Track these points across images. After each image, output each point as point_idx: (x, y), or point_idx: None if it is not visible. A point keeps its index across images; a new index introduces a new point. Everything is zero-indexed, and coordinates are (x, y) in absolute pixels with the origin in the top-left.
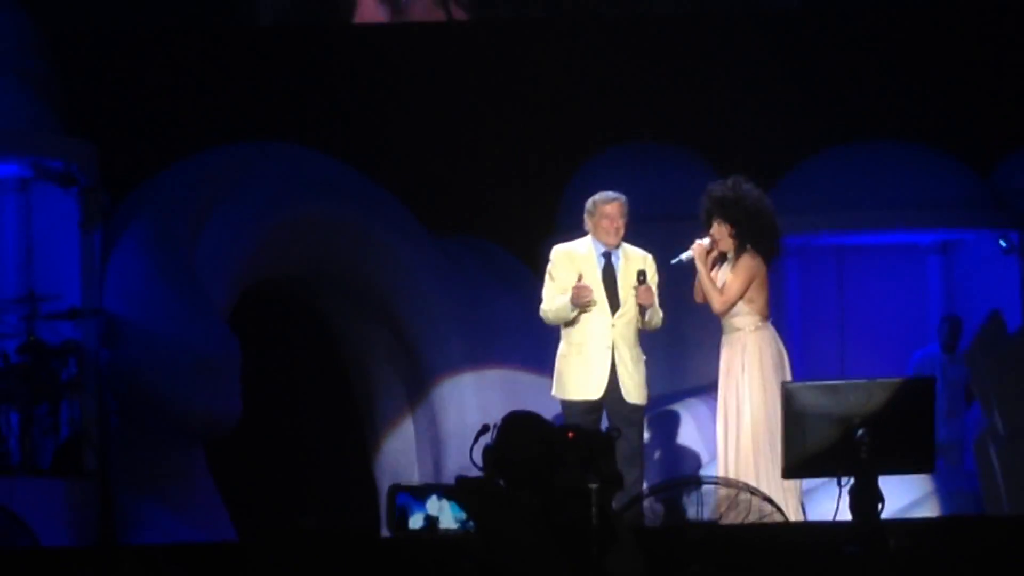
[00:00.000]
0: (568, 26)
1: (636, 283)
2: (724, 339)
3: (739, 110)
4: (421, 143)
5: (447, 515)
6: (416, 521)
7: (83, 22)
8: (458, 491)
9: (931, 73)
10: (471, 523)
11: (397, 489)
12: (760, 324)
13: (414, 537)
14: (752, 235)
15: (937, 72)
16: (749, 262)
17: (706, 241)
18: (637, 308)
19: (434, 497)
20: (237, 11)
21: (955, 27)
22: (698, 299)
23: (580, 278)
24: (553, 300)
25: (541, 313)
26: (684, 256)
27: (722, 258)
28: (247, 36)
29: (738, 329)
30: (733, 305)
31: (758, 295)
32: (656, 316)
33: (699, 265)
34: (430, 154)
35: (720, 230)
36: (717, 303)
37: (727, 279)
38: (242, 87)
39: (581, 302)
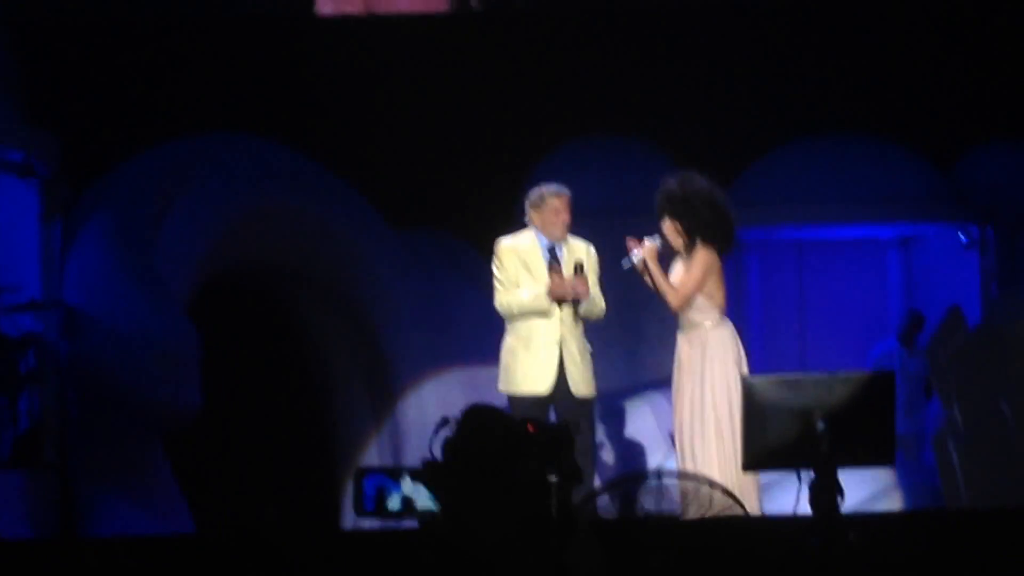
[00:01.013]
0: (527, 20)
1: (573, 274)
2: (682, 334)
3: (700, 103)
4: (382, 136)
5: (422, 496)
6: (394, 502)
7: (44, 13)
8: (427, 474)
9: (892, 67)
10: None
11: (364, 472)
12: (719, 320)
13: (391, 518)
14: (702, 229)
15: (898, 66)
16: (703, 255)
17: (657, 241)
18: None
19: (407, 478)
20: (200, 2)
21: (916, 21)
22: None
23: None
24: (516, 293)
25: (502, 306)
26: (635, 259)
27: (676, 256)
28: (209, 27)
29: (697, 324)
30: (690, 300)
31: (716, 289)
32: (595, 307)
33: (651, 265)
34: (391, 147)
35: (671, 227)
36: (673, 300)
37: (681, 275)
38: (203, 79)
39: (559, 296)
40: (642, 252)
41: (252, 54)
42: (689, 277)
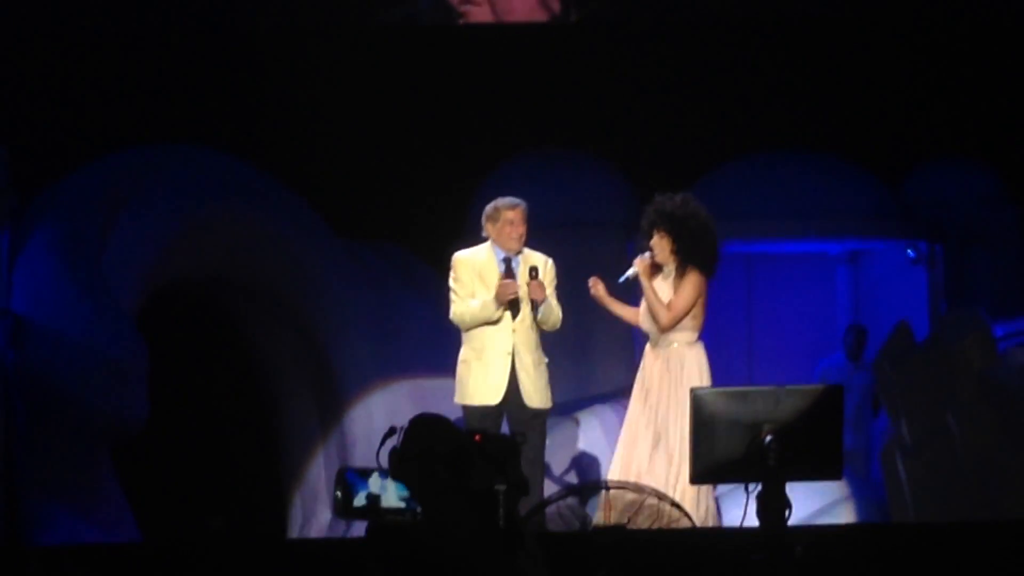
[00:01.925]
0: (479, 32)
1: (528, 278)
2: (654, 350)
3: (651, 118)
4: (330, 147)
5: (391, 494)
6: (360, 500)
7: None
8: (398, 471)
9: (841, 84)
10: (414, 503)
11: (345, 469)
12: (696, 339)
13: (358, 516)
14: (696, 253)
15: (847, 83)
16: (696, 278)
17: (647, 256)
18: (531, 304)
19: (376, 475)
20: (146, 15)
21: (865, 39)
22: (637, 321)
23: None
24: (468, 303)
25: (455, 316)
26: (630, 273)
27: (656, 270)
28: (155, 39)
29: (673, 342)
30: (681, 320)
31: (700, 311)
32: (551, 315)
33: (644, 281)
34: (339, 158)
35: (661, 243)
36: (665, 318)
37: (673, 294)
38: (151, 89)
39: (506, 297)
40: (636, 267)
41: (200, 65)
42: (682, 298)
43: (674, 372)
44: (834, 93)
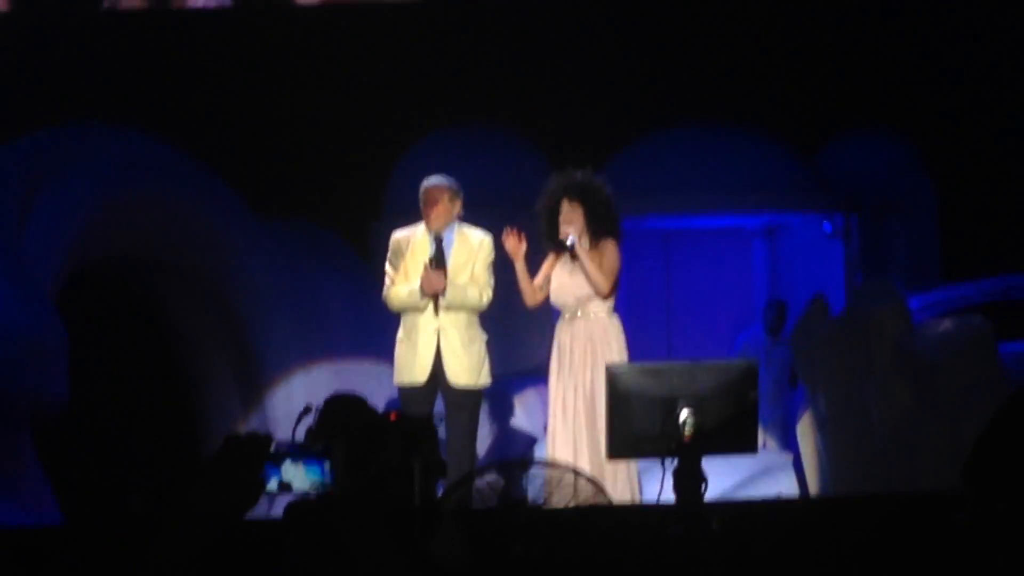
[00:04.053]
0: (394, 8)
1: (430, 268)
2: (569, 324)
3: (564, 93)
4: (248, 126)
5: (301, 477)
6: (272, 485)
7: None
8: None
9: (756, 55)
10: (324, 488)
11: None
12: (613, 309)
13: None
14: (610, 221)
15: (762, 54)
16: (615, 248)
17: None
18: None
19: (288, 461)
20: None
21: (780, 9)
22: (534, 296)
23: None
24: (396, 289)
25: (386, 300)
26: (573, 239)
27: (566, 248)
28: (74, 18)
29: (592, 313)
30: (614, 287)
31: (618, 281)
32: (466, 300)
33: (581, 251)
34: (257, 137)
35: (574, 213)
36: (605, 284)
37: (600, 263)
38: (69, 69)
39: (431, 290)
40: (575, 234)
41: (115, 44)
42: (612, 265)
43: (597, 342)
44: (747, 65)
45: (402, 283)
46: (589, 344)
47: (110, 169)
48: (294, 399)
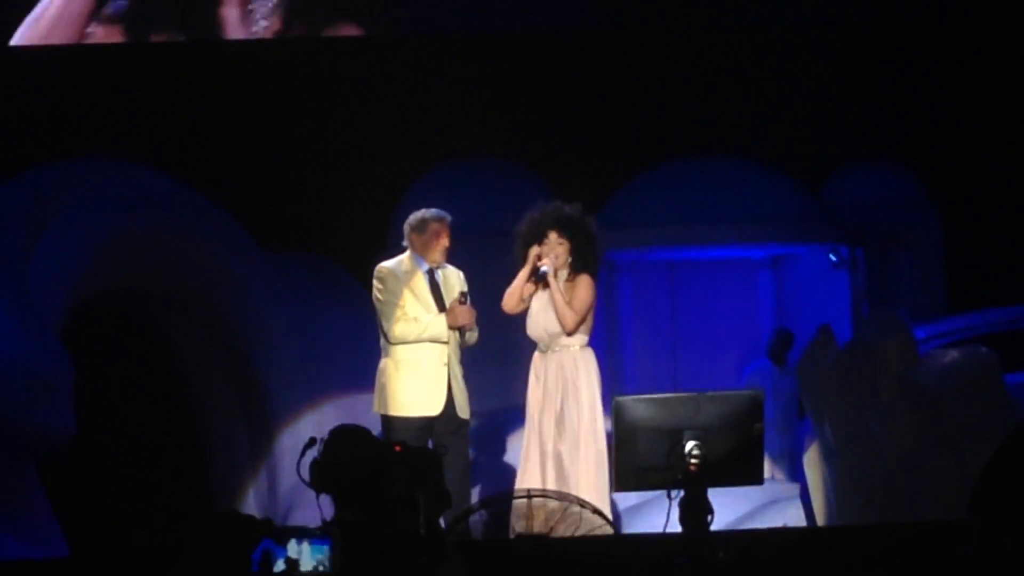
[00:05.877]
0: (401, 43)
1: (459, 302)
2: (544, 355)
3: (572, 125)
4: (254, 159)
5: (306, 557)
6: (279, 566)
7: None
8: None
9: (762, 90)
10: (330, 565)
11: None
12: (586, 343)
13: None
14: (591, 256)
15: (767, 88)
16: (591, 282)
17: (555, 258)
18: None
19: (293, 541)
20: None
21: (786, 46)
22: (511, 304)
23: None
24: (414, 324)
25: (400, 335)
26: (547, 268)
27: (537, 275)
28: (78, 53)
29: (566, 346)
30: (583, 322)
31: (592, 316)
32: (473, 334)
33: (552, 282)
34: (264, 170)
35: (556, 244)
36: (571, 321)
37: (571, 296)
38: (74, 104)
39: (462, 324)
40: (550, 264)
41: (124, 80)
42: (582, 300)
43: (569, 374)
44: (754, 99)
45: (401, 315)
46: (561, 375)
47: (116, 203)
48: (299, 430)
